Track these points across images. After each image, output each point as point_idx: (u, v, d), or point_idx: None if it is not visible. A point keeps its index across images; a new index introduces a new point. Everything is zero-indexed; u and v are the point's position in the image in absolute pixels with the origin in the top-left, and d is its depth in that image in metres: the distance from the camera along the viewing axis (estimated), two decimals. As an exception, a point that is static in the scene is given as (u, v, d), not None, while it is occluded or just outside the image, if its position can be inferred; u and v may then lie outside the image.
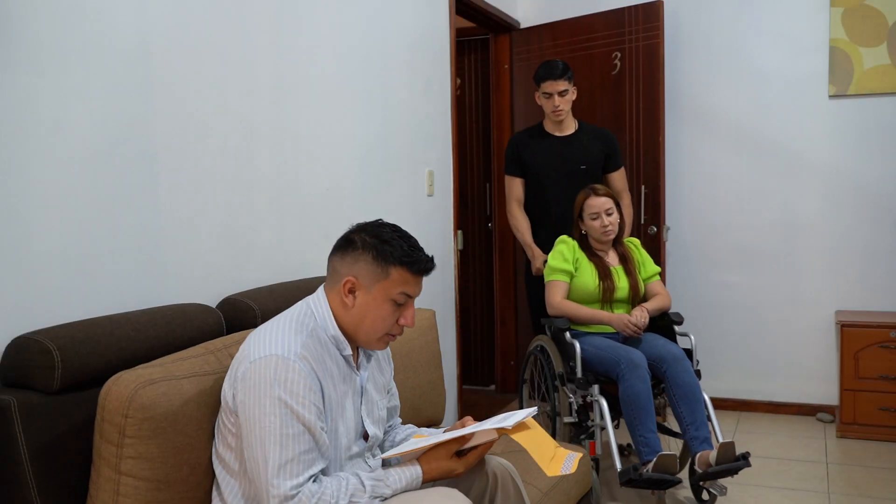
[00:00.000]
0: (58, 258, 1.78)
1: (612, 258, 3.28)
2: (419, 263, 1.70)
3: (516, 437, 1.78)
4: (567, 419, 3.08)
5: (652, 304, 3.23)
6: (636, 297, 3.23)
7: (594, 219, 3.21)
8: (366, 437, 1.82)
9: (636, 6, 4.11)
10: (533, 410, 1.87)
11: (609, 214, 3.20)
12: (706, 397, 2.97)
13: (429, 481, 1.72)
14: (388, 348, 1.93)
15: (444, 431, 1.91)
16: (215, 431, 1.72)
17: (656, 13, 4.02)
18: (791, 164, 4.26)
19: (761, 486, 3.27)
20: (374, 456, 1.86)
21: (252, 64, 2.42)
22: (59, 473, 1.59)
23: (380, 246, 1.68)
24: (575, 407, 3.06)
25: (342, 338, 1.72)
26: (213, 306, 2.16)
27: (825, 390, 4.25)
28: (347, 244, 1.72)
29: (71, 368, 1.61)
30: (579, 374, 3.00)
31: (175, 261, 2.12)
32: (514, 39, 4.60)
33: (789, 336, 4.30)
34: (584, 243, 3.28)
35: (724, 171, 4.38)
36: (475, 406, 4.43)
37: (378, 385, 1.89)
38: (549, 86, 3.61)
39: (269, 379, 1.57)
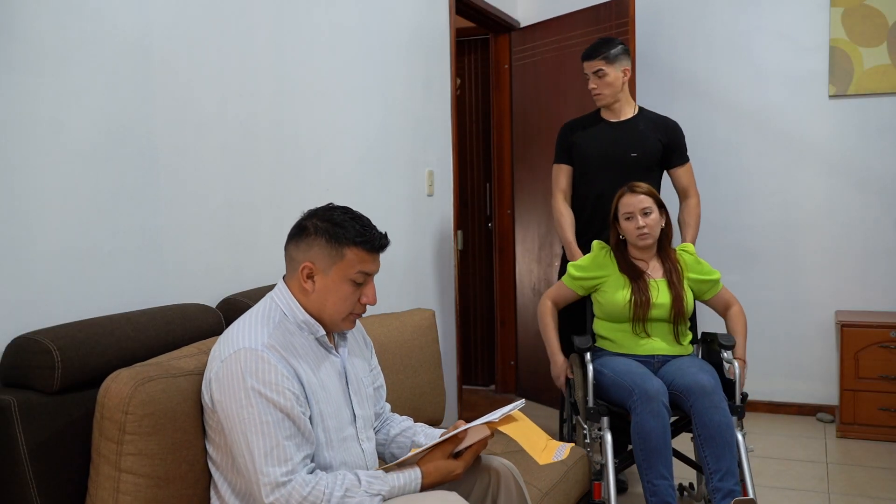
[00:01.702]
0: (58, 258, 1.78)
1: (653, 269, 2.85)
2: (373, 241, 1.73)
3: (505, 429, 1.78)
4: None
5: (740, 339, 2.80)
6: (679, 317, 2.79)
7: (628, 219, 2.80)
8: (355, 418, 1.82)
9: (609, 2, 4.08)
10: (520, 403, 1.88)
11: (646, 215, 2.77)
12: (741, 438, 2.56)
13: (429, 484, 1.72)
14: (364, 330, 1.99)
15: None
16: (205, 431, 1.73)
17: (626, 8, 3.96)
18: (791, 164, 4.26)
19: (761, 486, 3.26)
20: (367, 439, 1.86)
21: (252, 64, 2.42)
22: (58, 473, 1.59)
23: (332, 229, 1.71)
24: (587, 440, 2.69)
25: (313, 321, 1.75)
26: (213, 306, 2.17)
27: (825, 390, 4.25)
28: (300, 231, 1.74)
29: (71, 368, 1.61)
30: (590, 404, 2.63)
31: (175, 261, 2.13)
32: (513, 39, 4.60)
33: (789, 336, 4.30)
34: (622, 250, 2.88)
35: (723, 171, 4.38)
36: (475, 406, 4.43)
37: (360, 363, 1.91)
38: (585, 66, 3.31)
39: (240, 372, 1.59)
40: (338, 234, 1.71)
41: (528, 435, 1.82)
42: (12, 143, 1.68)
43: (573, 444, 1.99)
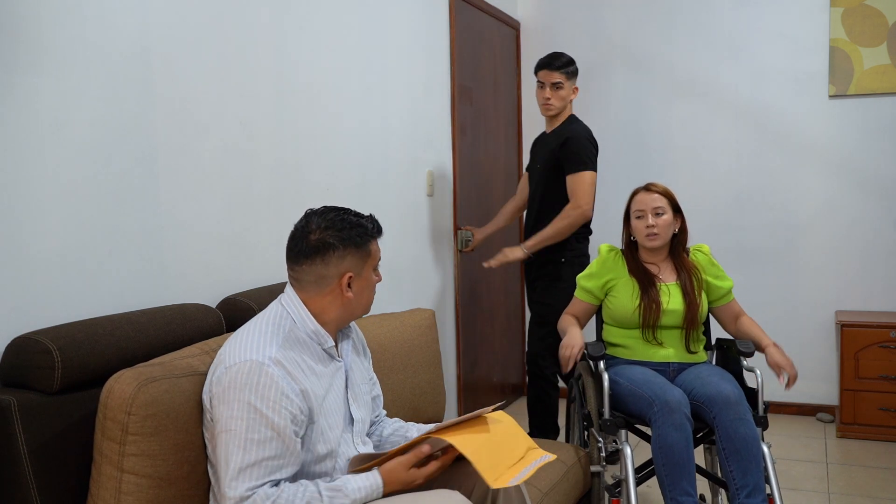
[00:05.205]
0: (58, 258, 1.78)
1: (665, 273, 2.73)
2: (379, 229, 1.82)
3: (454, 440, 1.64)
4: (593, 468, 2.58)
5: (764, 334, 2.67)
6: (693, 325, 2.67)
7: (639, 217, 2.69)
8: (352, 422, 1.82)
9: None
10: (492, 407, 1.83)
11: (658, 215, 2.67)
12: (767, 451, 2.42)
13: (389, 493, 1.69)
14: (364, 340, 2.02)
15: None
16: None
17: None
18: (791, 164, 4.26)
19: (761, 486, 3.27)
20: (363, 443, 1.86)
21: (252, 64, 2.42)
22: (59, 473, 1.59)
23: (352, 235, 1.75)
24: (604, 454, 2.54)
25: (323, 331, 1.75)
26: (213, 306, 2.16)
27: (825, 390, 4.25)
28: (324, 248, 1.73)
29: (71, 368, 1.61)
30: (607, 415, 2.49)
31: (175, 261, 2.12)
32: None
33: (789, 336, 4.29)
34: (633, 252, 2.77)
35: (723, 171, 4.38)
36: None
37: (360, 368, 1.92)
38: (543, 75, 3.37)
39: (240, 383, 1.59)
40: (360, 235, 1.75)
41: (491, 445, 1.67)
42: (12, 142, 1.68)
43: (554, 457, 1.78)
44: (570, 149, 3.27)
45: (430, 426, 1.97)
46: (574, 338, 2.66)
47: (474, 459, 1.60)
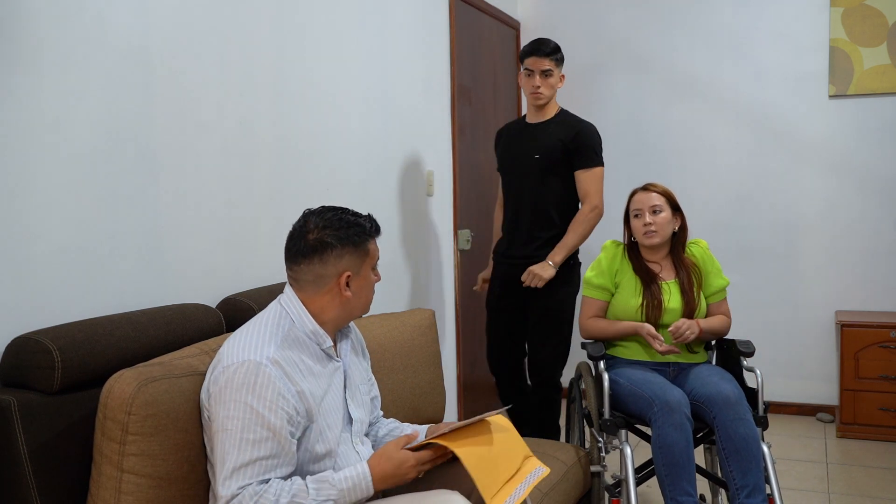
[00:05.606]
0: (58, 258, 1.78)
1: (666, 271, 2.75)
2: (377, 227, 1.82)
3: (459, 451, 1.65)
4: (593, 468, 2.58)
5: (709, 323, 2.68)
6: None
7: (636, 216, 2.73)
8: (351, 422, 1.82)
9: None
10: (498, 412, 1.81)
11: (655, 213, 2.69)
12: (767, 451, 2.43)
13: (380, 477, 1.68)
14: (364, 342, 2.01)
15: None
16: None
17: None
18: (791, 165, 4.26)
19: (761, 486, 3.27)
20: (362, 442, 1.86)
21: (252, 64, 2.42)
22: (59, 473, 1.59)
23: (349, 234, 1.75)
24: (604, 454, 2.56)
25: (321, 331, 1.76)
26: (213, 306, 2.16)
27: (825, 390, 4.25)
28: (322, 247, 1.73)
29: (71, 368, 1.61)
30: (607, 415, 2.51)
31: (175, 261, 2.12)
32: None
33: (789, 336, 4.30)
34: (635, 252, 2.79)
35: (723, 171, 4.38)
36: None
37: (358, 368, 1.92)
38: (532, 62, 3.17)
39: (238, 383, 1.59)
40: (358, 234, 1.76)
41: (490, 458, 1.68)
42: (12, 143, 1.68)
43: (548, 471, 1.81)
44: (584, 142, 3.14)
45: (426, 427, 1.97)
46: (645, 329, 2.64)
47: (474, 475, 1.63)
